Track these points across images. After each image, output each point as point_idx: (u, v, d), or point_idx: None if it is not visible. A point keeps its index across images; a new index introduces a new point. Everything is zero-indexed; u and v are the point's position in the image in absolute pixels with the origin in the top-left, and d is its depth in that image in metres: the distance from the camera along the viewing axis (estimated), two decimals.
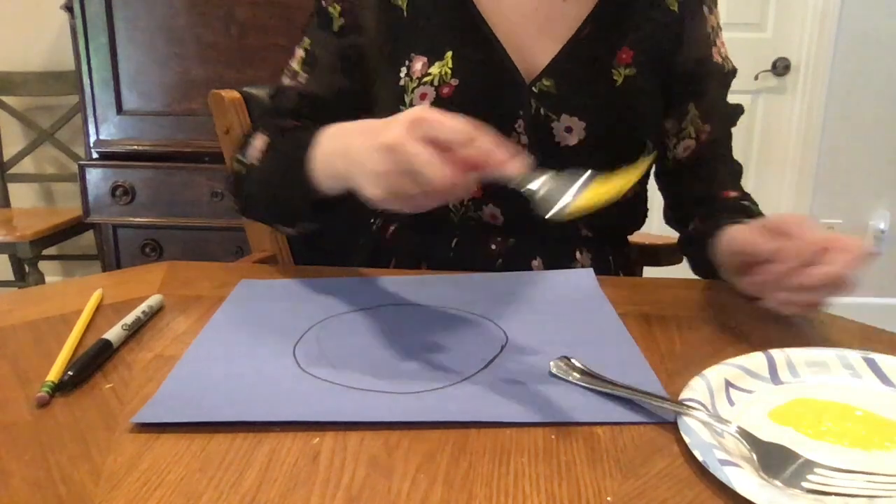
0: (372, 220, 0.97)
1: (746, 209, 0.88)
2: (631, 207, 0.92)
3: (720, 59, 0.90)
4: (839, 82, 2.55)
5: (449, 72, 0.81)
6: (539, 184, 0.53)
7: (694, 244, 0.86)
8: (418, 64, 0.82)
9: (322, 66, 0.86)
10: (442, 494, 0.40)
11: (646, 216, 0.96)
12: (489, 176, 0.54)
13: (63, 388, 0.51)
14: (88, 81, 2.11)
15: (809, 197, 2.67)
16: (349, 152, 0.59)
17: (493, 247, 0.87)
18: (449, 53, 0.82)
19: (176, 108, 2.13)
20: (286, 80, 0.88)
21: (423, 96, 0.82)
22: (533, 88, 0.82)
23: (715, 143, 0.91)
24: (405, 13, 0.84)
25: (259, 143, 0.79)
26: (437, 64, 0.82)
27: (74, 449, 0.44)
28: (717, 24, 0.91)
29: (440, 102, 0.81)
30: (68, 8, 2.15)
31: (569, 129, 0.82)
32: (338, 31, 0.85)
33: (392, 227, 0.94)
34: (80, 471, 0.42)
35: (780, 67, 2.55)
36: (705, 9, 0.89)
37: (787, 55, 2.54)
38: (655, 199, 0.95)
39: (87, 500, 0.40)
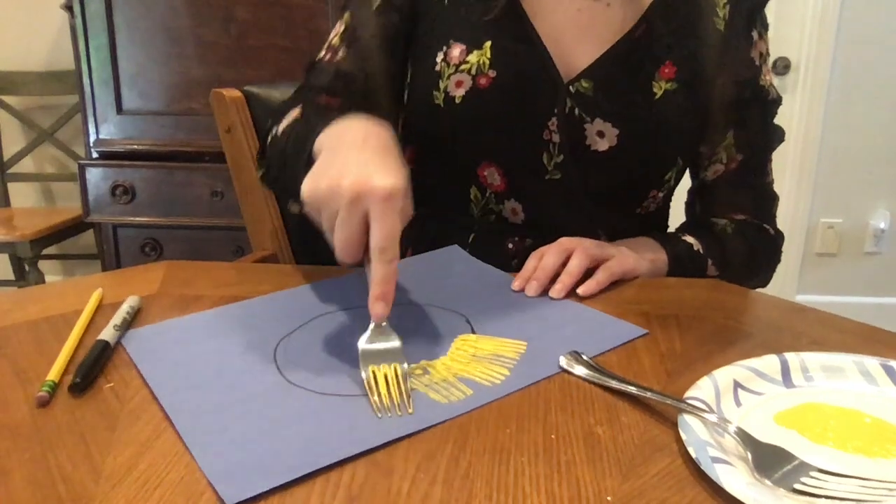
0: None
1: (715, 228, 0.88)
2: (652, 220, 0.91)
3: (766, 86, 0.88)
4: (839, 82, 2.55)
5: (487, 62, 0.81)
6: (370, 334, 0.55)
7: None
8: (456, 50, 0.82)
9: (362, 45, 0.86)
10: (442, 494, 0.40)
11: (666, 230, 0.95)
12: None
13: (71, 391, 0.51)
14: (88, 81, 2.11)
15: (809, 197, 2.67)
16: (335, 151, 0.60)
17: (511, 246, 0.87)
18: (488, 43, 0.81)
19: (176, 107, 2.13)
20: (324, 55, 0.88)
21: (458, 84, 0.82)
22: (570, 88, 0.82)
23: (743, 170, 0.90)
24: (446, 0, 0.85)
25: (292, 115, 0.79)
26: (475, 52, 0.82)
27: (74, 449, 0.44)
28: (766, 50, 0.89)
29: (477, 93, 0.81)
30: (68, 8, 2.15)
31: (601, 134, 0.82)
32: (376, 9, 0.86)
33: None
34: (80, 471, 0.42)
35: (780, 67, 2.55)
36: (755, 33, 0.87)
37: (787, 55, 2.54)
38: (675, 213, 0.96)
39: (87, 500, 0.40)
